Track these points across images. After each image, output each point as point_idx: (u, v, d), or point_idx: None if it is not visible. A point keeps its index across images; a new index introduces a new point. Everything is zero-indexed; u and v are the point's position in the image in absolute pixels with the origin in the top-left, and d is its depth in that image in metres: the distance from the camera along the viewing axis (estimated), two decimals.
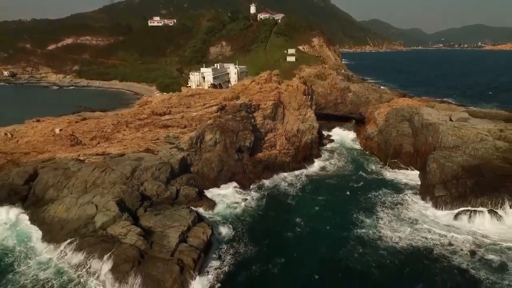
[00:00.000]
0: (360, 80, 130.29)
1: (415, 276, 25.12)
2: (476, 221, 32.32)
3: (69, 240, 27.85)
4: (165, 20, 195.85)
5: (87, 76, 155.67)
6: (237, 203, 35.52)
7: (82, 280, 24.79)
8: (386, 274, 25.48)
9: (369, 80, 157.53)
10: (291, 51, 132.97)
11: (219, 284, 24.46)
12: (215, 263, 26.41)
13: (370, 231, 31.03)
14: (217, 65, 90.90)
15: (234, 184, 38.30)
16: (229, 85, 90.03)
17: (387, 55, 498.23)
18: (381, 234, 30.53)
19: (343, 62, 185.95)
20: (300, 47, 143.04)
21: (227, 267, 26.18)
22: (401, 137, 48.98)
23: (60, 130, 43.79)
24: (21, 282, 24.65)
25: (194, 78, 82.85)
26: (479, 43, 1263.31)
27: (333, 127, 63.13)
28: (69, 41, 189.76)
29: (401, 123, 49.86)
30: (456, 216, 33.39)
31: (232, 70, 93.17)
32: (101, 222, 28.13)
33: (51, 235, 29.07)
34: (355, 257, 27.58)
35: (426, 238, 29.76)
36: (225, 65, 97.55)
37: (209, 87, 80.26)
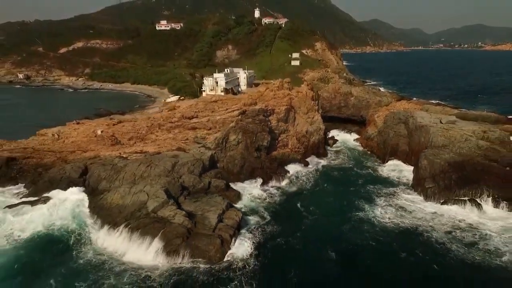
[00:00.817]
0: (361, 83, 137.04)
1: (400, 246, 31.68)
2: (458, 208, 38.91)
3: (126, 222, 34.52)
4: (172, 24, 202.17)
5: (99, 78, 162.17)
6: (258, 194, 42.16)
7: (139, 256, 31.10)
8: (378, 245, 32.12)
9: (369, 82, 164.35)
10: (295, 55, 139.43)
11: (250, 253, 30.98)
12: (246, 238, 33.00)
13: (368, 215, 37.71)
14: (227, 70, 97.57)
15: (255, 178, 44.88)
16: (239, 89, 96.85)
17: (388, 56, 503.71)
18: (377, 216, 37.18)
19: (344, 64, 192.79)
20: (304, 51, 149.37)
21: (255, 240, 32.77)
22: (398, 138, 55.64)
23: (101, 131, 50.41)
24: (83, 261, 30.62)
25: (207, 83, 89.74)
26: (479, 43, 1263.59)
27: (337, 128, 69.74)
28: (79, 44, 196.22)
29: (398, 125, 56.48)
30: (441, 204, 40.03)
31: (242, 75, 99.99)
32: (153, 207, 34.79)
33: (110, 218, 35.65)
34: (356, 233, 34.29)
35: (413, 220, 36.40)
36: (235, 69, 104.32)
37: (221, 91, 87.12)
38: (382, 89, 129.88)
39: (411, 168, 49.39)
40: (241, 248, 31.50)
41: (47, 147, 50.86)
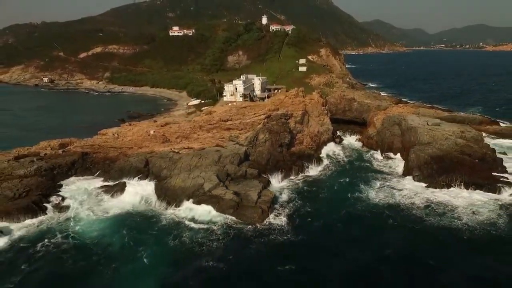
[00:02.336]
0: (363, 87, 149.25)
1: (387, 215, 43.62)
2: (436, 190, 50.88)
3: (189, 198, 46.69)
4: (185, 30, 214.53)
5: (119, 82, 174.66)
6: (283, 180, 54.32)
7: (201, 219, 43.09)
8: (371, 215, 44.05)
9: (371, 85, 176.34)
10: (302, 61, 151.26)
11: (281, 219, 43.04)
12: (277, 209, 45.16)
13: (367, 194, 49.72)
14: (243, 77, 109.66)
15: (279, 169, 56.97)
16: (254, 93, 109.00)
17: (388, 56, 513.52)
18: (372, 195, 49.21)
19: (347, 66, 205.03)
20: (310, 57, 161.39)
21: (284, 211, 44.89)
22: (393, 137, 67.67)
23: (153, 131, 62.68)
24: (161, 225, 42.77)
25: (228, 89, 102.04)
26: (481, 43, 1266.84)
27: (343, 129, 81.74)
28: (98, 49, 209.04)
29: (393, 127, 68.52)
30: (425, 187, 52.05)
31: (256, 81, 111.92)
32: (208, 187, 47.00)
33: (175, 196, 47.76)
34: (355, 207, 46.35)
35: (400, 198, 48.33)
36: (249, 76, 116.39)
37: (240, 96, 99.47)
38: (382, 93, 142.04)
39: (403, 160, 61.39)
40: (275, 215, 43.74)
41: (110, 144, 63.13)
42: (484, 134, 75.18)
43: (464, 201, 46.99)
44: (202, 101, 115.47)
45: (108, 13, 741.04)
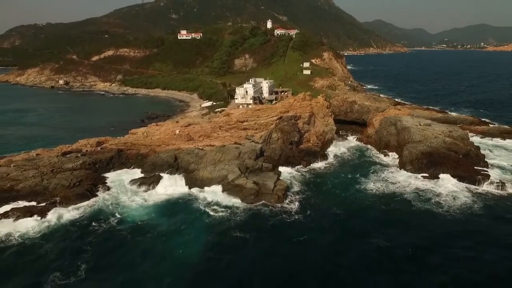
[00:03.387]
0: (364, 89, 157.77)
1: (382, 201, 52.23)
2: (425, 180, 59.45)
3: (216, 188, 55.39)
4: (193, 34, 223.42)
5: (131, 84, 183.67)
6: (292, 173, 63.05)
7: (226, 203, 51.83)
8: (368, 202, 52.56)
9: (372, 87, 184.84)
10: (306, 64, 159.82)
11: (294, 204, 51.70)
12: (291, 196, 53.90)
13: (365, 185, 58.27)
14: (252, 81, 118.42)
15: (290, 163, 65.68)
16: (263, 96, 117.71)
17: (389, 59, 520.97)
18: (370, 185, 57.74)
19: (348, 68, 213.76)
20: (313, 61, 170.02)
21: (296, 197, 53.62)
22: (389, 136, 76.25)
23: (179, 131, 71.50)
24: (194, 209, 51.72)
25: (239, 92, 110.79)
26: (482, 44, 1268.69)
27: (345, 129, 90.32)
28: (110, 53, 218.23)
29: (390, 127, 77.11)
30: (415, 178, 60.64)
31: (264, 84, 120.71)
32: (232, 178, 55.74)
33: (203, 186, 56.48)
34: (355, 195, 54.88)
35: (393, 187, 56.93)
36: (258, 79, 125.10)
37: (250, 99, 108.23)
38: (382, 94, 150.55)
39: (398, 156, 70.01)
40: (288, 201, 52.51)
41: (140, 142, 71.91)
42: (472, 134, 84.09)
43: (447, 189, 55.61)
44: (214, 103, 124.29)
45: (112, 14, 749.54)
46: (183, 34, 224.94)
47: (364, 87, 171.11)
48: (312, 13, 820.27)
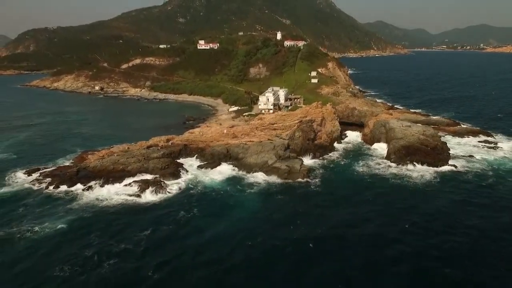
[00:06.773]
0: (363, 95, 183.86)
1: (370, 180, 78.45)
2: (403, 166, 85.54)
3: (260, 171, 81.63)
4: (210, 44, 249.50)
5: (160, 90, 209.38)
6: (311, 161, 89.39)
7: (263, 179, 78.09)
8: (361, 180, 78.89)
9: (370, 93, 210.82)
10: (313, 73, 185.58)
11: (314, 180, 78.03)
12: (311, 175, 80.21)
13: (361, 168, 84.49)
14: (271, 89, 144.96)
15: (308, 154, 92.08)
16: (280, 102, 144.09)
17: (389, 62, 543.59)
18: (364, 169, 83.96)
19: (349, 72, 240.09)
20: (319, 70, 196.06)
21: (315, 176, 79.91)
22: (380, 134, 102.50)
23: (226, 130, 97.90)
24: (247, 188, 77.97)
25: (262, 99, 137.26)
26: (481, 45, 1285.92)
27: (347, 130, 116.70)
28: (137, 61, 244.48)
29: (380, 127, 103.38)
30: (396, 165, 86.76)
31: (281, 92, 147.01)
32: (271, 163, 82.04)
33: (251, 169, 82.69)
34: (355, 174, 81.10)
35: (377, 171, 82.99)
36: (275, 88, 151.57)
37: (271, 105, 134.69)
38: (379, 100, 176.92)
39: (385, 149, 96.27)
40: (310, 178, 78.86)
41: (198, 139, 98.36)
42: (445, 133, 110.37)
43: (417, 171, 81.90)
44: (239, 108, 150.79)
45: (121, 18, 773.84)
46: (202, 45, 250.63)
47: (364, 92, 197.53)
48: (314, 16, 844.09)
